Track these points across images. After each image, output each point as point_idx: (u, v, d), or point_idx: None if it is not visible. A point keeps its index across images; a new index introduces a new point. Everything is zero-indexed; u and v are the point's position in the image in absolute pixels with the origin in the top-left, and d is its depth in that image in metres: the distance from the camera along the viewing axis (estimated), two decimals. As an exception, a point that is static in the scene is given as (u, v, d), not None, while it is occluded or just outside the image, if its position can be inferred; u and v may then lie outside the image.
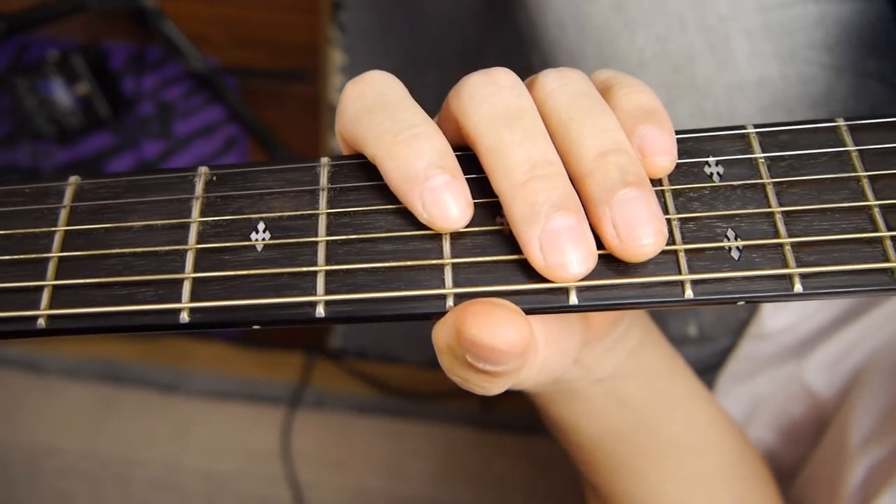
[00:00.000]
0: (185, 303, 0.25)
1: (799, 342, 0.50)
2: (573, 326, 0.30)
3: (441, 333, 0.24)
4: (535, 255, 0.23)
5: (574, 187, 0.25)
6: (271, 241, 0.26)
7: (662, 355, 0.38)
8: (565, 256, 0.23)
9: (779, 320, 0.50)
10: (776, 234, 0.25)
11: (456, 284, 0.25)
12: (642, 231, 0.23)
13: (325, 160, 0.27)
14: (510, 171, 0.24)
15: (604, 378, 0.34)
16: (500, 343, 0.23)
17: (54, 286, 0.26)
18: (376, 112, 0.26)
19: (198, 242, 0.26)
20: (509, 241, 0.25)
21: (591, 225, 0.24)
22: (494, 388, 0.25)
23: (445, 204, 0.24)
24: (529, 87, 0.27)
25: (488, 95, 0.25)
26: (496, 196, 0.25)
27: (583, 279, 0.24)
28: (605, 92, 0.27)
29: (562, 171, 0.24)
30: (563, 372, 0.31)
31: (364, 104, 0.26)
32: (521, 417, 0.99)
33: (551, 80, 0.26)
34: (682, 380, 0.39)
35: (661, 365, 0.38)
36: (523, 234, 0.24)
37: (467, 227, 0.25)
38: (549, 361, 0.28)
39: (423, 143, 0.25)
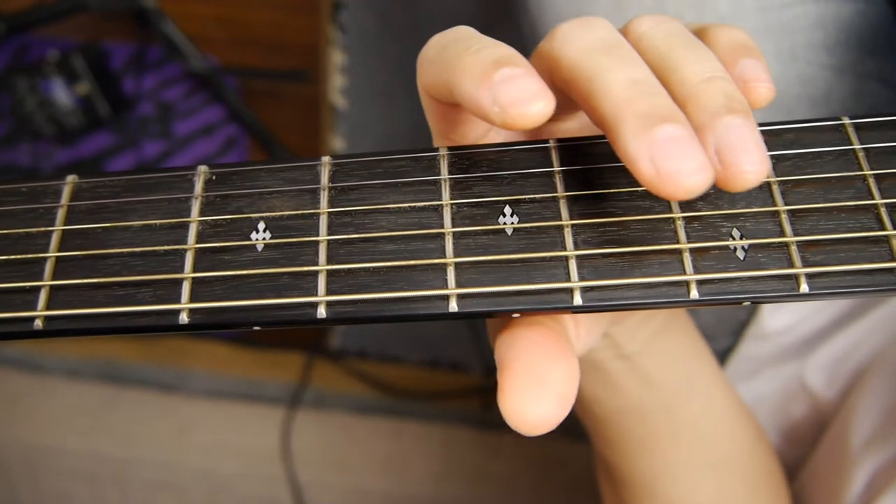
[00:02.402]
0: (185, 303, 0.25)
1: (799, 342, 0.49)
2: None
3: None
4: (645, 166, 0.22)
5: None
6: (272, 241, 0.25)
7: (688, 340, 0.38)
8: (680, 163, 0.21)
9: (779, 321, 0.50)
10: (782, 234, 0.24)
11: (459, 285, 0.24)
12: (747, 158, 0.22)
13: (325, 159, 0.27)
14: (611, 91, 0.23)
15: (628, 355, 0.34)
16: (535, 420, 0.24)
17: (51, 287, 0.25)
18: (453, 43, 0.25)
19: (197, 242, 0.26)
20: (512, 241, 0.25)
21: None
22: None
23: (519, 91, 0.22)
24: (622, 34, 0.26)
25: (582, 33, 0.25)
26: (500, 195, 0.25)
27: (586, 280, 0.24)
28: (699, 33, 0.26)
29: (665, 91, 0.23)
30: (590, 348, 0.31)
31: (442, 43, 0.25)
32: (521, 418, 0.99)
33: (646, 21, 0.26)
34: (706, 366, 0.39)
35: (685, 348, 0.37)
36: (630, 149, 0.22)
37: (468, 227, 0.25)
38: (582, 338, 0.29)
39: (493, 49, 0.24)
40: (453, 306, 0.24)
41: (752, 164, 0.22)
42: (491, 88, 0.23)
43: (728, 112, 0.23)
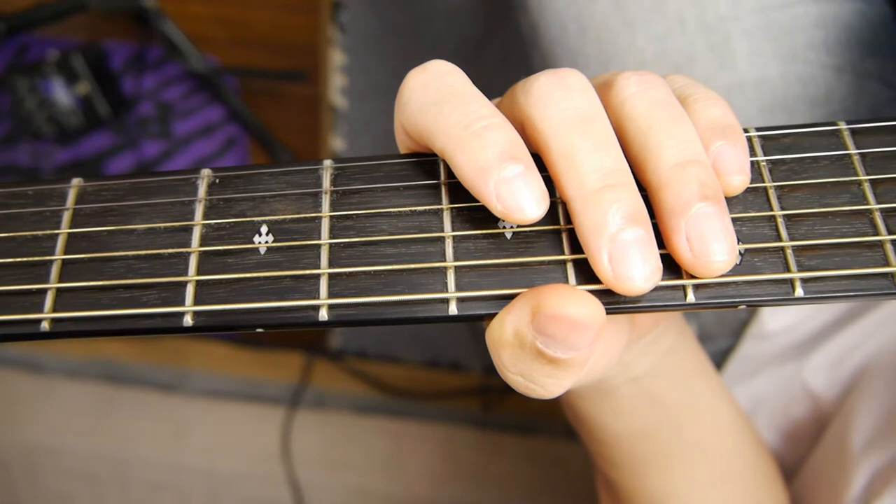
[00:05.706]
0: (189, 306, 0.25)
1: (799, 343, 0.49)
2: (621, 327, 0.29)
3: (508, 321, 0.24)
4: (603, 266, 0.23)
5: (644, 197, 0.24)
6: (274, 244, 0.26)
7: (695, 356, 0.38)
8: (633, 269, 0.23)
9: (779, 321, 0.50)
10: (778, 238, 0.25)
11: (458, 288, 0.25)
12: (716, 247, 0.23)
13: (327, 163, 0.27)
14: (581, 178, 0.24)
15: (638, 377, 0.34)
16: (581, 316, 0.23)
17: (58, 289, 0.26)
18: (443, 104, 0.25)
19: (201, 245, 0.26)
20: (511, 245, 0.25)
21: (662, 236, 0.24)
22: (558, 383, 0.25)
23: (521, 195, 0.23)
24: (602, 89, 0.26)
25: (558, 98, 0.25)
26: None
27: (584, 284, 0.24)
28: (680, 100, 0.26)
29: (633, 182, 0.24)
30: (606, 371, 0.31)
31: (429, 95, 0.25)
32: (521, 417, 0.99)
33: (631, 84, 0.26)
34: (711, 382, 0.39)
35: (692, 366, 0.37)
36: (591, 244, 0.23)
37: (468, 231, 0.25)
38: (597, 363, 0.28)
39: (494, 134, 0.24)
40: (453, 309, 0.24)
41: (720, 254, 0.23)
42: (496, 186, 0.23)
43: (700, 199, 0.23)
